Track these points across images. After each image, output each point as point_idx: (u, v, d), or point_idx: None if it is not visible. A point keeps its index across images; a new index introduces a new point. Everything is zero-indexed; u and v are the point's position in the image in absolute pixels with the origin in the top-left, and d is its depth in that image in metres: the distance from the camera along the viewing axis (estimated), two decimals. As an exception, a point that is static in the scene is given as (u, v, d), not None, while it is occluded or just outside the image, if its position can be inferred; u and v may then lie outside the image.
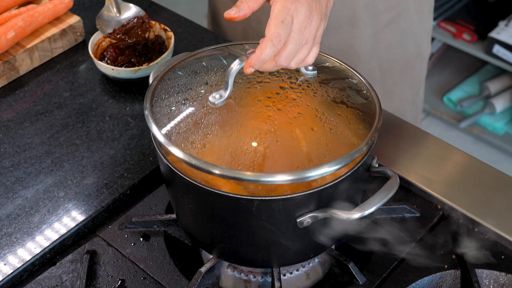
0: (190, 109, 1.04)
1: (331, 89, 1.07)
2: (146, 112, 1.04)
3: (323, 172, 0.96)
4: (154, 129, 1.02)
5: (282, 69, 1.04)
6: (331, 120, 1.03)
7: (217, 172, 0.95)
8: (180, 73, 1.10)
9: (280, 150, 1.00)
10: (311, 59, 1.03)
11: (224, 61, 1.11)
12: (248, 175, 0.95)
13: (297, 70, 1.08)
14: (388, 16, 1.52)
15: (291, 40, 0.97)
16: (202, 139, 1.00)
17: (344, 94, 1.07)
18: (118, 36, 1.47)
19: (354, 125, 1.03)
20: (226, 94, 1.01)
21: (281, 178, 0.95)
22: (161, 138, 1.00)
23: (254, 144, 1.00)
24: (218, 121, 1.01)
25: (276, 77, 1.07)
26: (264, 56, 0.96)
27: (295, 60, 1.00)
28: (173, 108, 1.04)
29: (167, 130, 1.01)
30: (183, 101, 1.05)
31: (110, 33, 1.48)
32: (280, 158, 1.00)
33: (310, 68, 1.07)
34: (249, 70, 0.97)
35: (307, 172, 0.95)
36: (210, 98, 1.01)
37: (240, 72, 1.00)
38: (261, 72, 1.06)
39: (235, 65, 0.99)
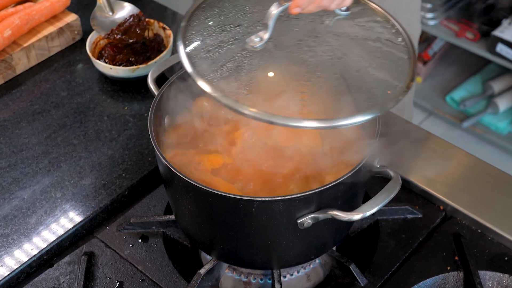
0: (229, 53, 0.99)
1: (367, 30, 1.05)
2: (183, 57, 0.97)
3: (355, 121, 0.93)
4: (193, 73, 0.95)
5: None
6: (371, 62, 1.01)
7: (249, 113, 0.91)
8: (209, 13, 1.05)
9: (325, 96, 0.97)
10: (349, 0, 1.03)
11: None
12: (279, 118, 0.91)
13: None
14: None
15: None
16: (246, 84, 0.96)
17: (379, 36, 1.05)
18: (117, 37, 1.46)
19: (391, 66, 1.01)
20: (266, 36, 0.97)
21: (310, 124, 0.91)
22: (204, 86, 0.94)
23: (299, 89, 0.97)
24: (260, 65, 0.98)
25: (310, 20, 1.04)
26: None
27: (336, 1, 1.00)
28: (209, 52, 0.99)
29: (209, 76, 0.96)
30: (219, 45, 1.00)
31: (108, 34, 1.47)
32: (325, 104, 0.97)
33: (344, 8, 1.06)
34: (296, 10, 0.96)
35: (337, 121, 0.92)
36: (249, 42, 0.98)
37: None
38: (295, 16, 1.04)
39: (276, 8, 0.96)
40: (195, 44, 1.00)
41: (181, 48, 0.99)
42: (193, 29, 1.02)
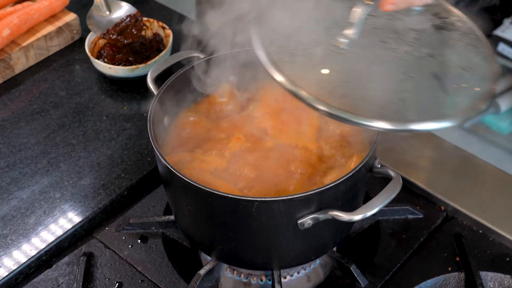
0: (314, 55, 0.95)
1: (443, 25, 1.03)
2: (265, 60, 0.93)
3: (428, 127, 0.90)
4: (281, 79, 0.91)
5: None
6: (457, 58, 0.99)
7: (323, 108, 0.88)
8: (282, 15, 1.00)
9: (419, 96, 0.94)
10: None
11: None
12: (351, 116, 0.88)
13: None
14: None
15: None
16: (341, 90, 0.93)
17: (457, 30, 1.03)
18: (113, 37, 1.45)
19: (473, 69, 0.98)
20: (354, 36, 0.95)
21: (381, 125, 0.88)
22: (301, 92, 0.90)
23: (395, 91, 0.93)
24: (350, 66, 0.95)
25: (387, 17, 1.01)
26: None
27: None
28: (293, 56, 0.96)
29: (299, 81, 0.91)
30: (301, 47, 0.97)
31: (104, 34, 1.46)
32: (418, 104, 0.93)
33: None
34: (389, 7, 0.96)
35: (409, 124, 0.89)
36: (335, 42, 0.95)
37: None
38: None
39: (363, 8, 0.95)
40: (275, 47, 0.95)
41: (261, 53, 0.94)
42: (268, 31, 0.97)
